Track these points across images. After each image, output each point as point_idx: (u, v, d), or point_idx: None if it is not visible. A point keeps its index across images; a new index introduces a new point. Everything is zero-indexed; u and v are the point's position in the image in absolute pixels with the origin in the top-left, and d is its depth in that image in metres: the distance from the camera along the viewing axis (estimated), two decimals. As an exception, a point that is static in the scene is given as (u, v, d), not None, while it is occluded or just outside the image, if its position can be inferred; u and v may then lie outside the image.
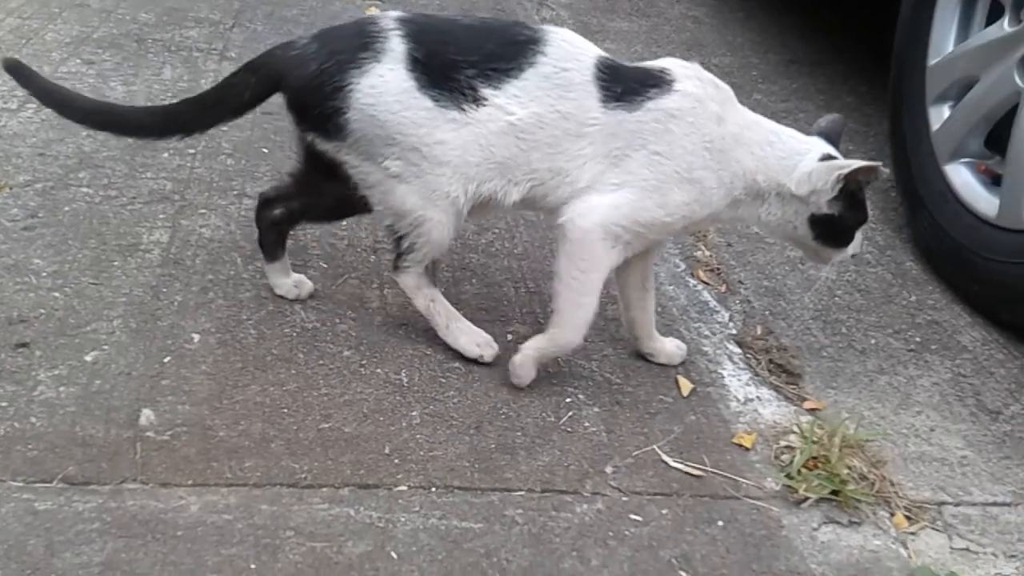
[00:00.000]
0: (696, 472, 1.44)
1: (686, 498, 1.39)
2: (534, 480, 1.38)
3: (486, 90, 1.44)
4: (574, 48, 1.47)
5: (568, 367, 1.63)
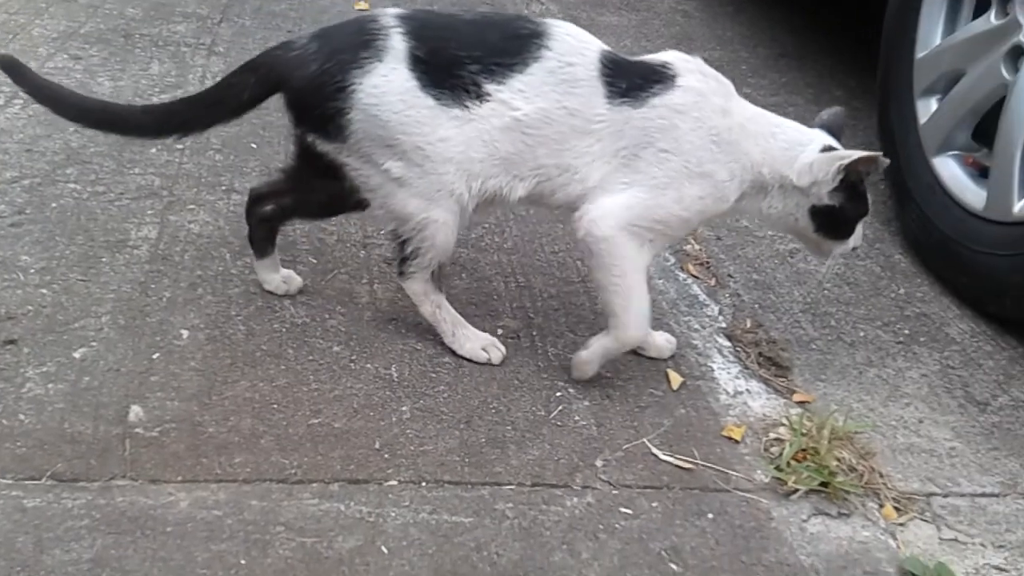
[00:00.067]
0: (686, 465, 1.44)
1: (676, 491, 1.40)
2: (524, 474, 1.39)
3: (490, 85, 1.43)
4: (578, 42, 1.46)
5: (558, 360, 1.63)
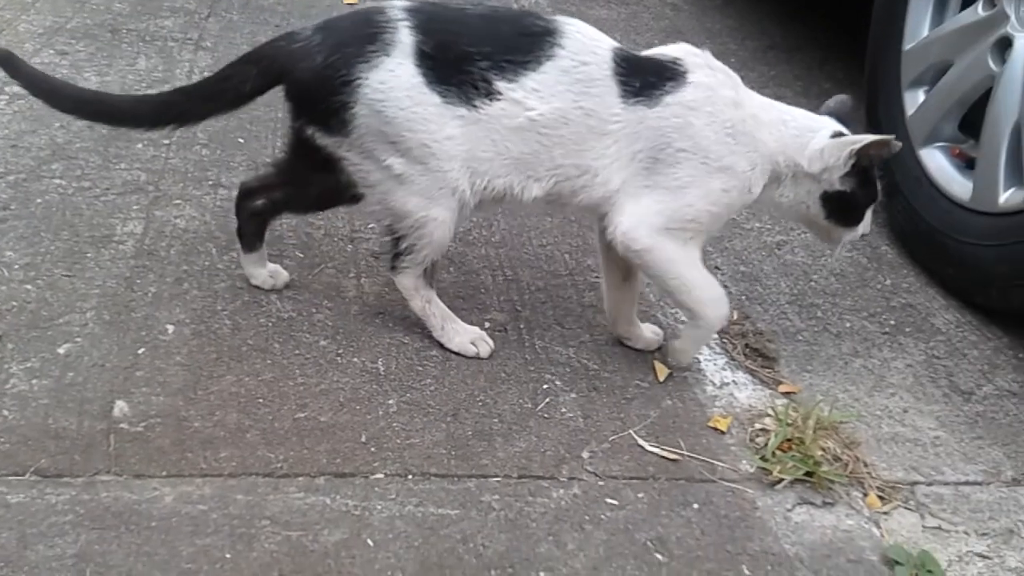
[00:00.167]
0: (672, 456, 1.45)
1: (662, 481, 1.40)
2: (511, 466, 1.39)
3: (501, 83, 1.41)
4: (590, 40, 1.45)
5: (545, 353, 1.63)
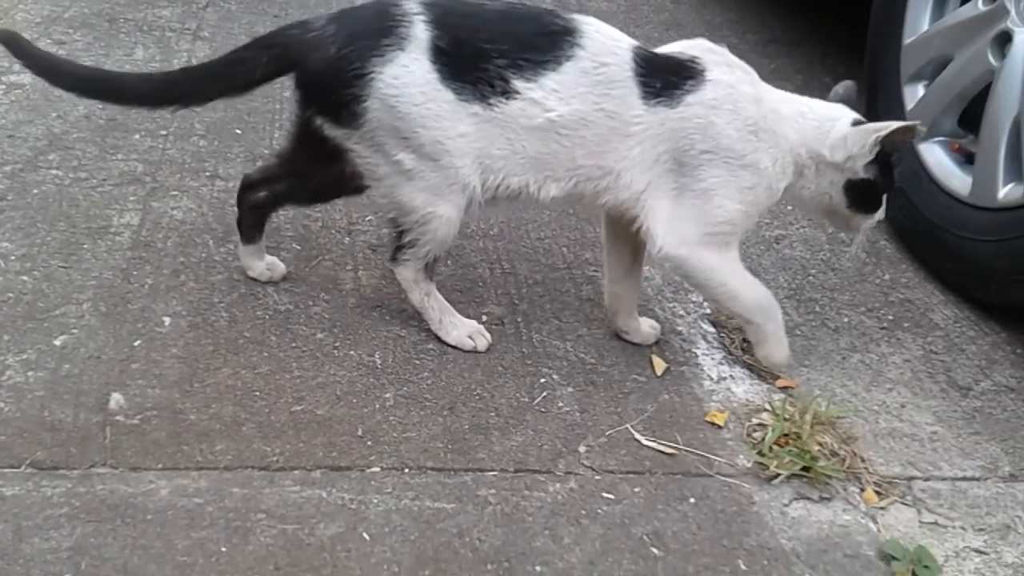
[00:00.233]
0: (669, 450, 1.45)
1: (658, 476, 1.40)
2: (507, 460, 1.39)
3: (518, 82, 1.39)
4: (610, 41, 1.44)
5: (543, 347, 1.63)
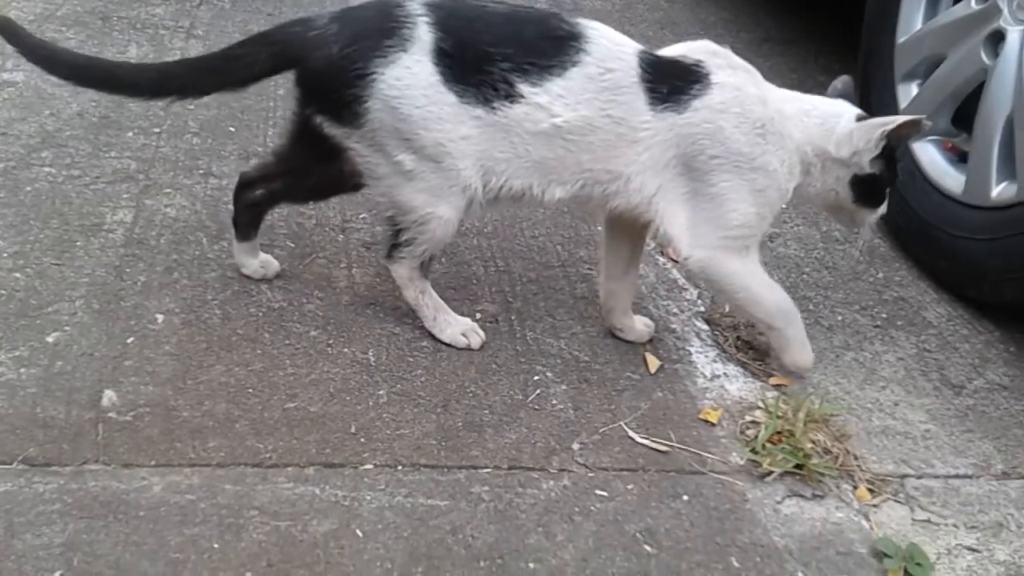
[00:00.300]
0: (662, 448, 1.45)
1: (652, 473, 1.40)
2: (501, 457, 1.39)
3: (524, 87, 1.39)
4: (615, 46, 1.43)
5: (536, 345, 1.63)
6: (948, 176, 1.97)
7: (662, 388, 1.58)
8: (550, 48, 1.40)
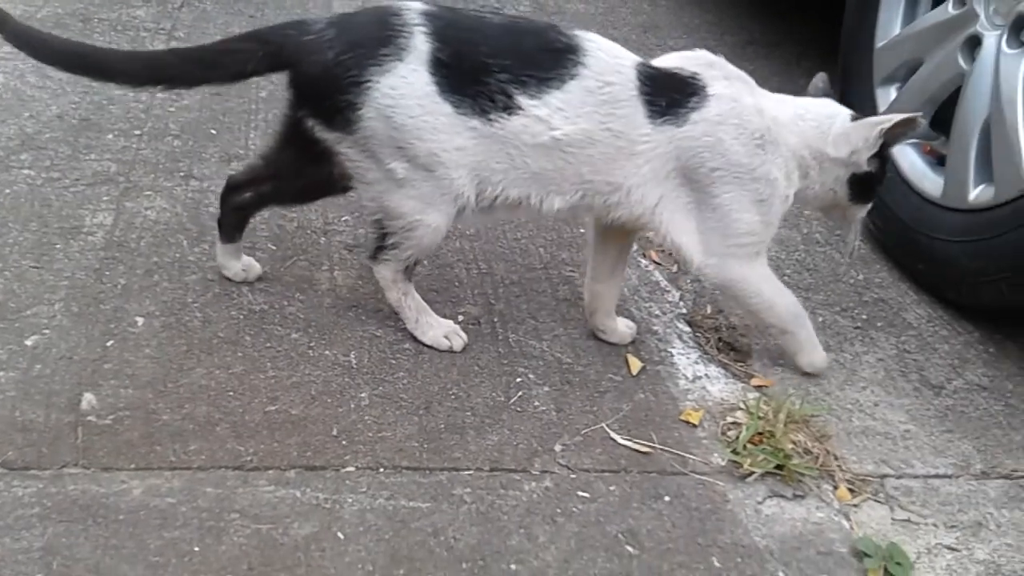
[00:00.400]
0: (644, 449, 1.45)
1: (633, 474, 1.41)
2: (483, 459, 1.39)
3: (522, 99, 1.38)
4: (613, 59, 1.43)
5: (519, 347, 1.63)
6: (927, 179, 1.99)
7: (644, 390, 1.58)
8: (548, 60, 1.40)
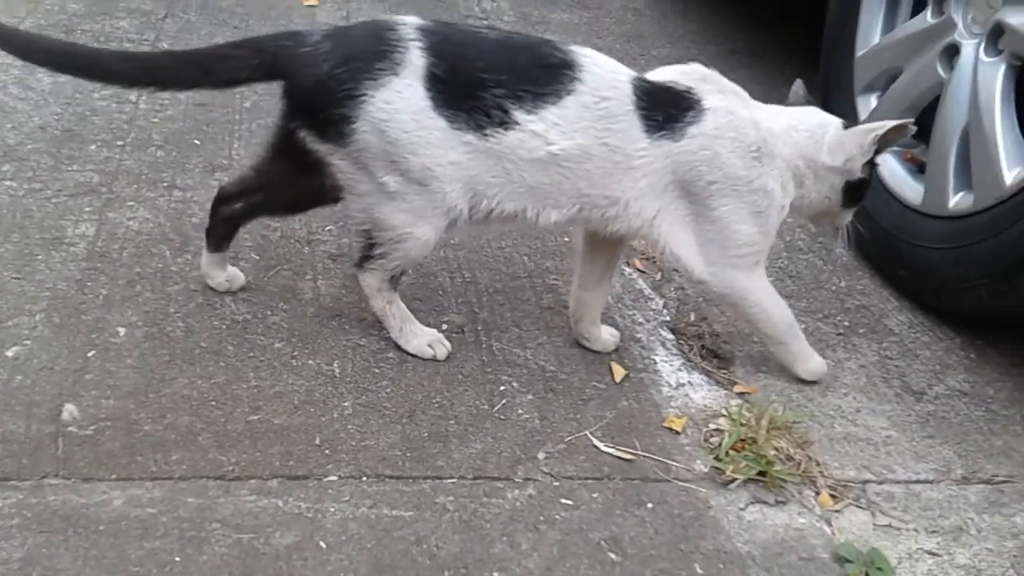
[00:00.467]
0: (627, 456, 1.46)
1: (616, 482, 1.41)
2: (466, 467, 1.39)
3: (519, 114, 1.39)
4: (609, 74, 1.44)
5: (502, 355, 1.63)
6: (907, 187, 2.01)
7: (627, 397, 1.59)
8: (545, 76, 1.40)
